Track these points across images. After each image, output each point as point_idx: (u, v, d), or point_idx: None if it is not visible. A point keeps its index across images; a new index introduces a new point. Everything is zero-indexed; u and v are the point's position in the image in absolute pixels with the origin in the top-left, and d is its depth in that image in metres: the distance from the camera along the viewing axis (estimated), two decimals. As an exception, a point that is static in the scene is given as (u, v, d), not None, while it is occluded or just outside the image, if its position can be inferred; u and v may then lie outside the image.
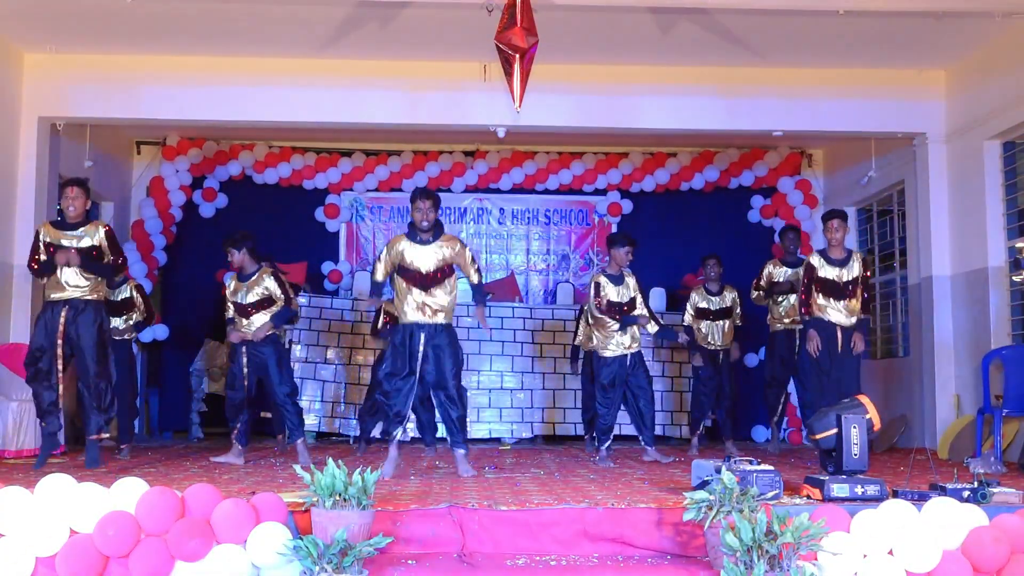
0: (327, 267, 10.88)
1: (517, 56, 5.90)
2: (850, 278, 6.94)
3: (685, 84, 8.80)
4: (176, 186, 10.42)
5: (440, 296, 5.94)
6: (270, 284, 6.81)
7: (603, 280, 7.21)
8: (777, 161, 10.77)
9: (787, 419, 10.55)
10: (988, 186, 8.14)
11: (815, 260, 7.03)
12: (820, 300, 6.95)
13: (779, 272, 8.42)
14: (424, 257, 5.93)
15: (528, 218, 11.31)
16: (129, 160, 10.83)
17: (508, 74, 6.00)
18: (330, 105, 8.77)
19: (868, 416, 4.70)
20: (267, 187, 10.84)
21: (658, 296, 10.34)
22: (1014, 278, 7.93)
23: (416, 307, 5.91)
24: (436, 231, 5.99)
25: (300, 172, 10.72)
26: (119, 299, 7.73)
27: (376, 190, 10.96)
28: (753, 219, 11.00)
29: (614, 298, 7.17)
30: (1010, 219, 8.07)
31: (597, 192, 11.05)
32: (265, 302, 6.82)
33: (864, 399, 4.85)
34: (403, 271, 5.95)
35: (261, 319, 6.80)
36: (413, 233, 5.98)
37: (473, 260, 6.10)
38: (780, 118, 8.92)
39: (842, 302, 6.92)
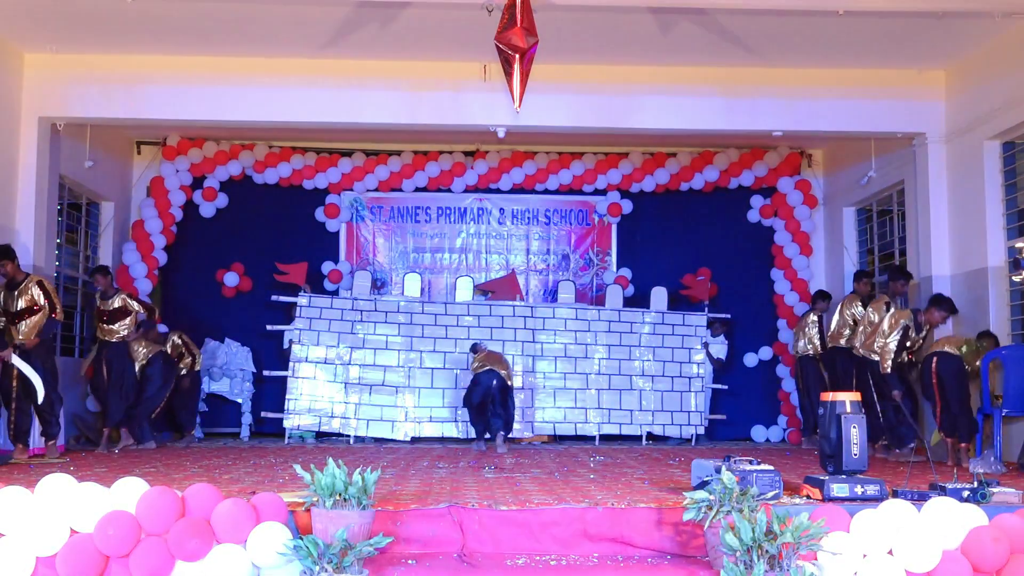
0: (327, 267, 10.88)
1: (517, 56, 5.90)
2: None
3: (685, 84, 8.80)
4: (176, 186, 10.44)
5: None
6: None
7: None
8: (777, 161, 10.77)
9: (786, 419, 10.58)
10: (988, 186, 8.14)
11: None
12: None
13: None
14: None
15: (528, 218, 11.31)
16: (129, 160, 10.83)
17: (508, 74, 6.00)
18: (330, 105, 8.77)
19: None
20: (267, 187, 10.85)
21: (659, 296, 10.34)
22: (1014, 278, 7.92)
23: None
24: None
25: (300, 172, 10.73)
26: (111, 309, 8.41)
27: (376, 190, 10.97)
28: (752, 219, 11.01)
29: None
30: (1010, 219, 8.07)
31: (597, 192, 11.05)
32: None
33: None
34: None
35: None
36: None
37: None
38: (780, 118, 8.92)
39: None
